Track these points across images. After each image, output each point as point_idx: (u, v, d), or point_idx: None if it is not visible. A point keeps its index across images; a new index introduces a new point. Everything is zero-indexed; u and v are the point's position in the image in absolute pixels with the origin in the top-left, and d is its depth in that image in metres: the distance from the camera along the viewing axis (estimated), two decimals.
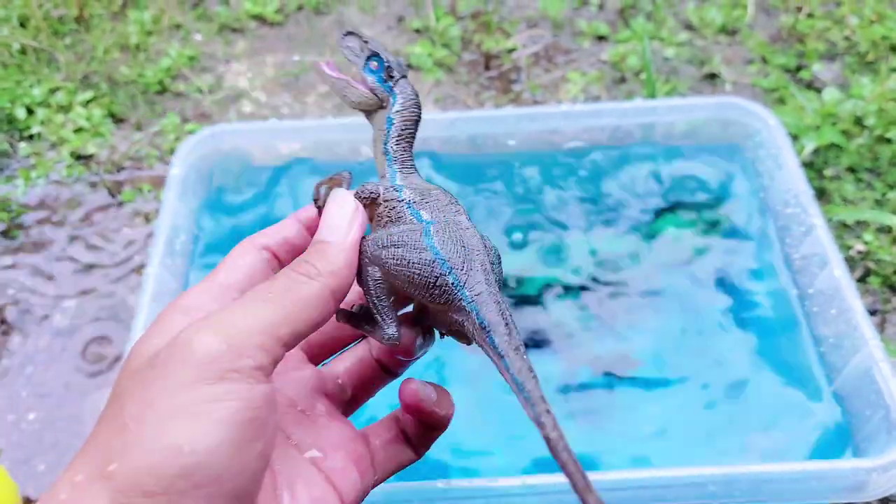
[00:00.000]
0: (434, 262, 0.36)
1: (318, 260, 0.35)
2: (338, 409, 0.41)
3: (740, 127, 0.86)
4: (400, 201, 0.39)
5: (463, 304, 0.36)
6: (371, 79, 0.42)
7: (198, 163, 0.83)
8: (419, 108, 0.42)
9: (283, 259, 0.39)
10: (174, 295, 0.73)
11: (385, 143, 0.42)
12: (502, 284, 0.39)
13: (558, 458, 0.33)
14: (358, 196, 0.39)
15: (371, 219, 0.40)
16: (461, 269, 0.36)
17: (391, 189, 0.40)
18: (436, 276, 0.36)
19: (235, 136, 0.83)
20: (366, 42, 0.42)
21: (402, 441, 0.40)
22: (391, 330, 0.38)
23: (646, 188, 0.87)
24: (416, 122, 0.42)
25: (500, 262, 0.39)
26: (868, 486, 0.60)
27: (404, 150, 0.42)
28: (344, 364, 0.42)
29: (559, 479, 0.58)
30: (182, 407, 0.30)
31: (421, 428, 0.39)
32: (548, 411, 0.34)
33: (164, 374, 0.31)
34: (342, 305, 0.38)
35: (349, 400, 0.42)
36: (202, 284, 0.36)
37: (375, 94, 0.42)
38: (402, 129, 0.42)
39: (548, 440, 0.34)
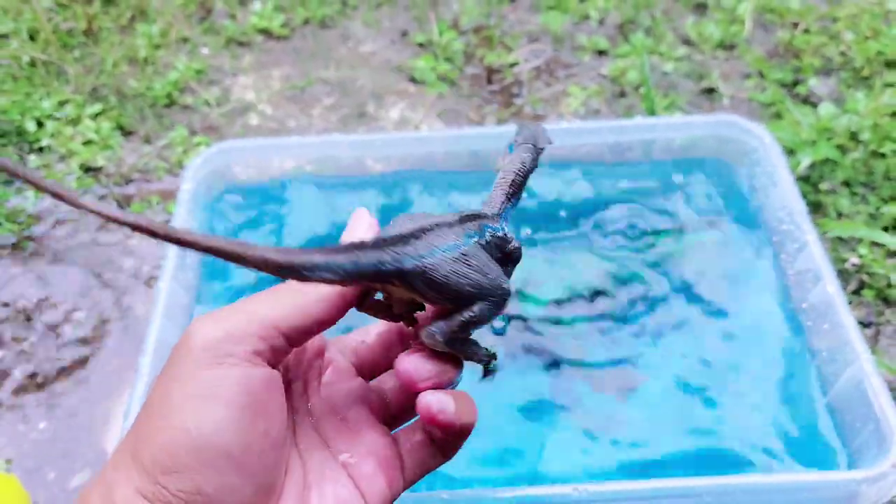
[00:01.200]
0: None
1: None
2: (379, 419, 0.42)
3: (737, 144, 0.88)
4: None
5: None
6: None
7: (208, 177, 0.85)
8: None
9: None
10: (186, 309, 0.75)
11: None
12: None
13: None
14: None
15: None
16: None
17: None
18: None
19: (245, 151, 0.85)
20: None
21: (429, 444, 0.41)
22: (484, 349, 0.42)
23: (641, 205, 0.89)
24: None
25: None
26: (859, 498, 0.62)
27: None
28: (393, 381, 0.44)
29: (560, 490, 0.60)
30: (188, 391, 0.33)
31: (444, 435, 0.40)
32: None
33: (173, 362, 0.35)
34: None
35: (394, 415, 0.44)
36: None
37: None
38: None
39: None
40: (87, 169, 1.13)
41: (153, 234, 0.32)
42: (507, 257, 0.42)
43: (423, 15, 1.34)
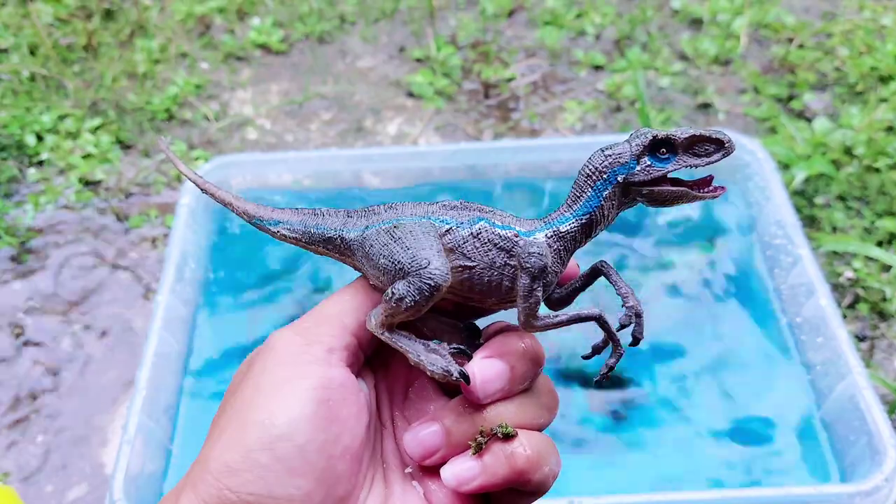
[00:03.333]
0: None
1: None
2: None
3: (731, 159, 0.88)
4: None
5: None
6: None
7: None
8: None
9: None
10: (184, 321, 0.75)
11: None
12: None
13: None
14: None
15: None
16: None
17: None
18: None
19: (243, 165, 0.86)
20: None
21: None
22: (444, 348, 0.38)
23: (636, 221, 0.89)
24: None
25: None
26: None
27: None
28: None
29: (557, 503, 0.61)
30: (263, 389, 0.34)
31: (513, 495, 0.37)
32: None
33: (252, 370, 0.35)
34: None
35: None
36: None
37: None
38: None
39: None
40: (87, 182, 1.14)
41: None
42: (520, 265, 0.38)
43: (420, 30, 1.35)
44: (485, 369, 0.36)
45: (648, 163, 0.39)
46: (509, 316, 0.38)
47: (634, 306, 0.40)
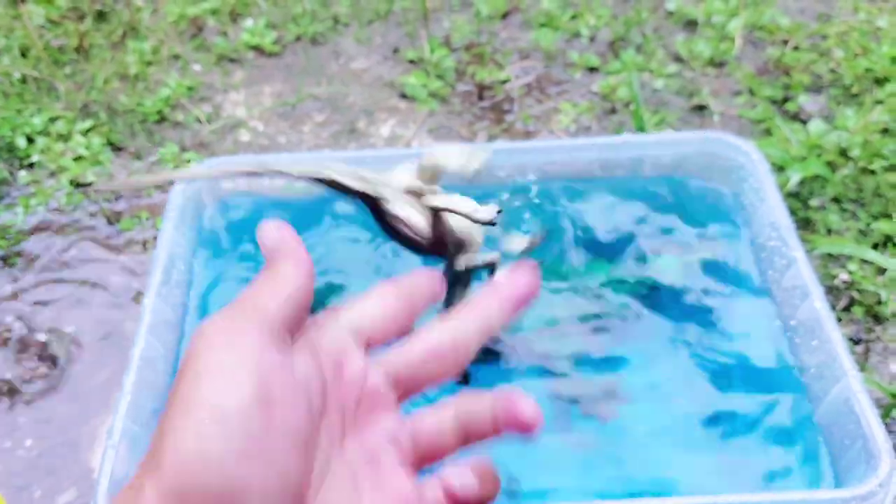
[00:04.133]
0: None
1: None
2: (407, 461, 0.39)
3: (725, 160, 0.88)
4: None
5: None
6: None
7: (197, 193, 0.85)
8: None
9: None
10: (171, 325, 0.74)
11: None
12: None
13: None
14: None
15: None
16: None
17: None
18: None
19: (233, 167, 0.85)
20: None
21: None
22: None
23: (631, 223, 0.89)
24: None
25: None
26: None
27: None
28: (431, 418, 0.40)
29: None
30: (203, 377, 0.32)
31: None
32: None
33: (186, 364, 0.33)
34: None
35: (422, 456, 0.40)
36: None
37: None
38: None
39: None
40: (78, 185, 1.13)
41: None
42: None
43: (414, 32, 1.35)
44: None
45: None
46: None
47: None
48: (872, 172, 1.07)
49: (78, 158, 1.16)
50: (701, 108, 1.20)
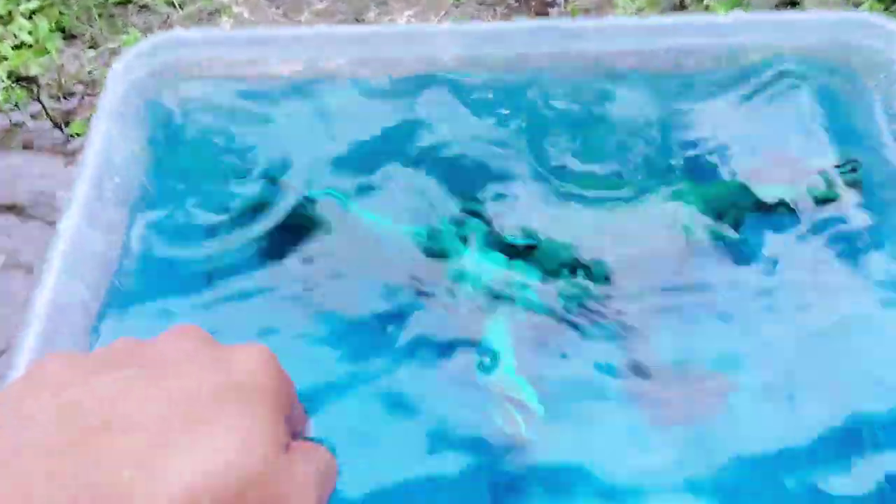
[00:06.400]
0: None
1: None
2: None
3: (860, 52, 0.65)
4: None
5: None
6: None
7: (144, 81, 0.63)
8: None
9: None
10: (98, 259, 0.53)
11: None
12: None
13: None
14: None
15: None
16: None
17: None
18: None
19: (196, 47, 0.63)
20: None
21: None
22: None
23: (715, 137, 0.67)
24: None
25: None
26: None
27: None
28: None
29: None
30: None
31: None
32: None
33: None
34: None
35: None
36: None
37: None
38: None
39: None
40: (18, 78, 0.93)
41: None
42: None
43: None
44: None
45: None
46: None
47: None
48: None
49: (19, 46, 0.95)
50: (793, 4, 0.97)
